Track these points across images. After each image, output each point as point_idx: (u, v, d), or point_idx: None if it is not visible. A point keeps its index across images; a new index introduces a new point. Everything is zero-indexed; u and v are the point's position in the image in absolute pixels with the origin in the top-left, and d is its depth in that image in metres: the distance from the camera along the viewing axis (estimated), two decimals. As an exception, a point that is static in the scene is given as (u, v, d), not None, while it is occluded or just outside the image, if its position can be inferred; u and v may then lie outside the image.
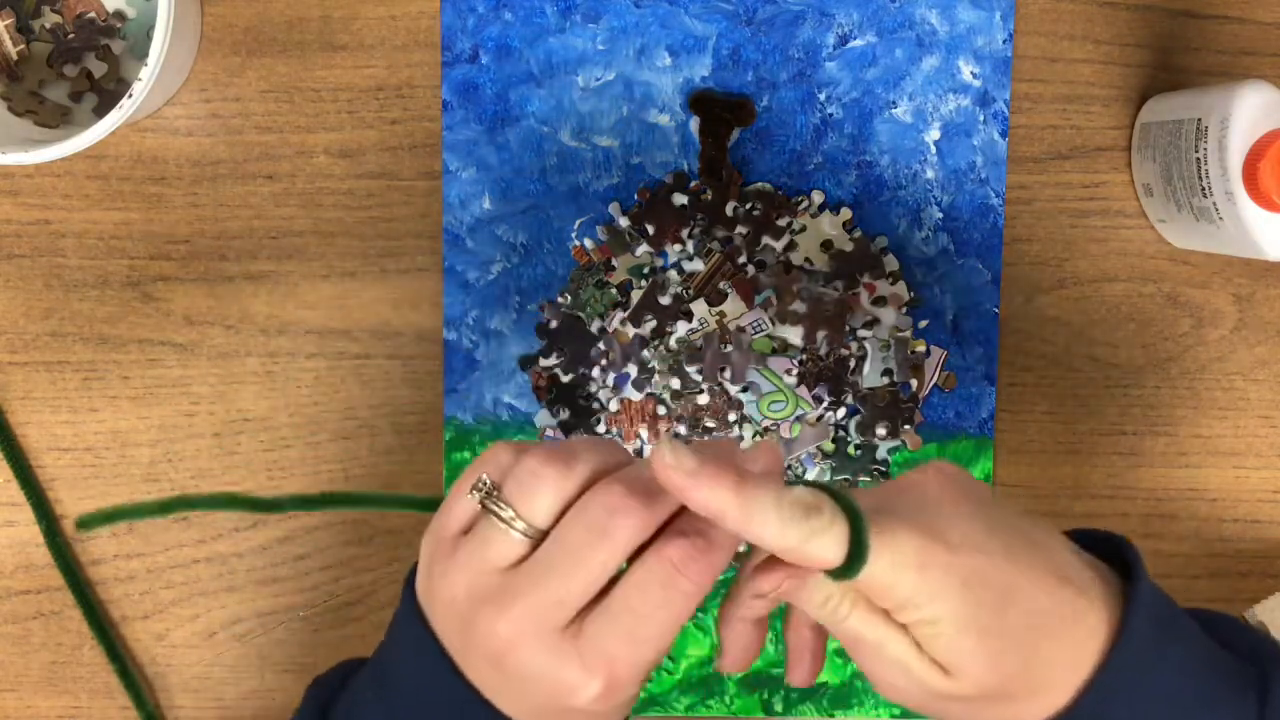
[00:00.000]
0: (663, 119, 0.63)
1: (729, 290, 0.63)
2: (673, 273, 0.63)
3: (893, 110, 0.62)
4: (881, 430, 0.63)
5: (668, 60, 0.62)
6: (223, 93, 0.62)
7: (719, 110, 0.62)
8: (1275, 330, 0.64)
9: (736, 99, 0.62)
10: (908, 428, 0.64)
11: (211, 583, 0.65)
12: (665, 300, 0.63)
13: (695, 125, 0.63)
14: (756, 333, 0.63)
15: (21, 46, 0.61)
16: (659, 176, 0.63)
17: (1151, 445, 0.65)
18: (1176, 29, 0.62)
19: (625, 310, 0.63)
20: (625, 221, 0.63)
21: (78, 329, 0.63)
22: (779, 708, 0.66)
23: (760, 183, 0.63)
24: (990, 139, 0.63)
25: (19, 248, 0.63)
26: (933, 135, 0.63)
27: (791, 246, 0.63)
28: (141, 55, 0.62)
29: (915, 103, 0.62)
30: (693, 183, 0.63)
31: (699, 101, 0.62)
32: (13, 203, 0.63)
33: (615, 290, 0.63)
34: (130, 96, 0.54)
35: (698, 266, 0.63)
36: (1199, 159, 0.56)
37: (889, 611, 0.41)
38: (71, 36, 0.61)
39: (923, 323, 0.64)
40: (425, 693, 0.43)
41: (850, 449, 0.64)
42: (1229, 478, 0.65)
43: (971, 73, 0.62)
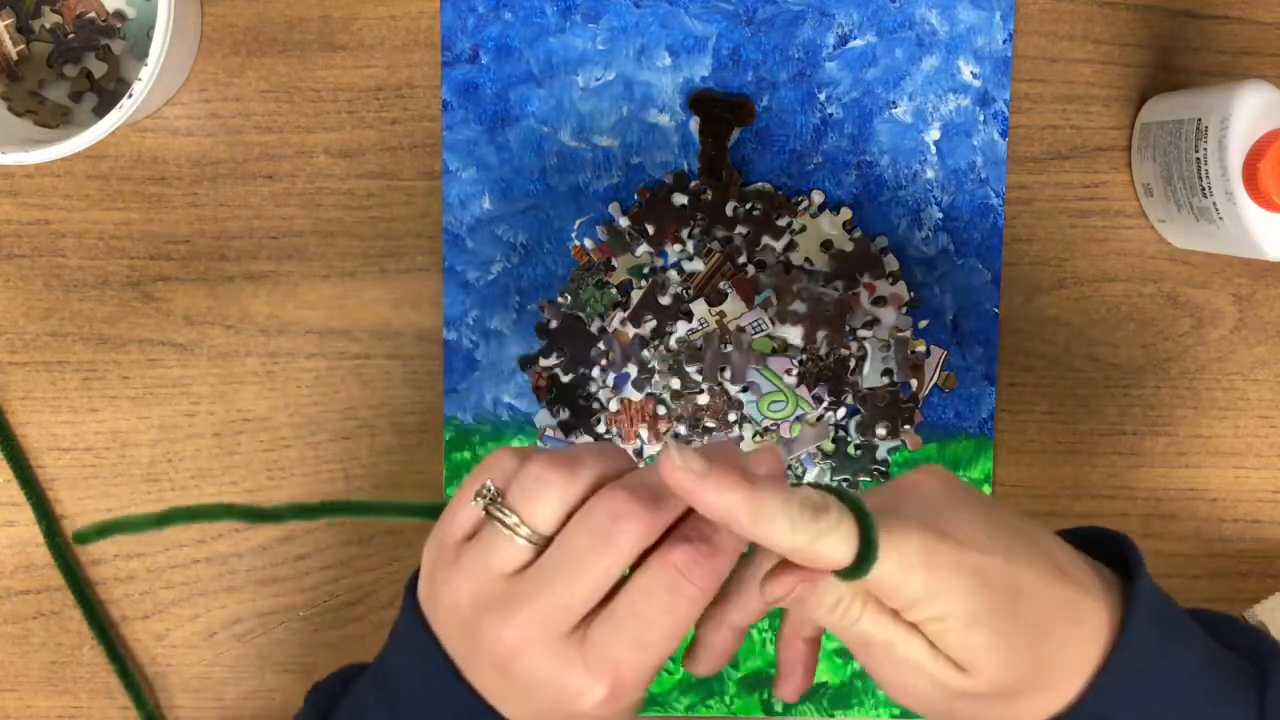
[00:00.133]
0: (663, 119, 0.63)
1: (729, 290, 0.63)
2: (673, 273, 0.63)
3: (893, 110, 0.62)
4: (881, 430, 0.63)
5: (668, 60, 0.62)
6: (223, 93, 0.62)
7: (719, 110, 0.62)
8: (1275, 330, 0.64)
9: (736, 99, 0.62)
10: (908, 428, 0.64)
11: (211, 583, 0.65)
12: (665, 300, 0.63)
13: (695, 125, 0.63)
14: (756, 333, 0.63)
15: (21, 46, 0.61)
16: (659, 176, 0.63)
17: (1151, 445, 0.65)
18: (1176, 29, 0.62)
19: (625, 310, 0.63)
20: (625, 221, 0.63)
21: (78, 329, 0.63)
22: (779, 708, 0.66)
23: (760, 183, 0.63)
24: (990, 139, 0.63)
25: (19, 248, 0.63)
26: (933, 135, 0.63)
27: (791, 246, 0.63)
28: (141, 55, 0.62)
29: (915, 103, 0.62)
30: (693, 183, 0.63)
31: (699, 101, 0.62)
32: (13, 203, 0.63)
33: (615, 290, 0.63)
34: (130, 96, 0.54)
35: (698, 266, 0.63)
36: (1199, 159, 0.56)
37: (899, 611, 0.41)
38: (71, 36, 0.61)
39: (923, 323, 0.64)
40: (428, 699, 0.43)
41: (850, 449, 0.64)
42: (1229, 478, 0.65)
43: (971, 73, 0.62)
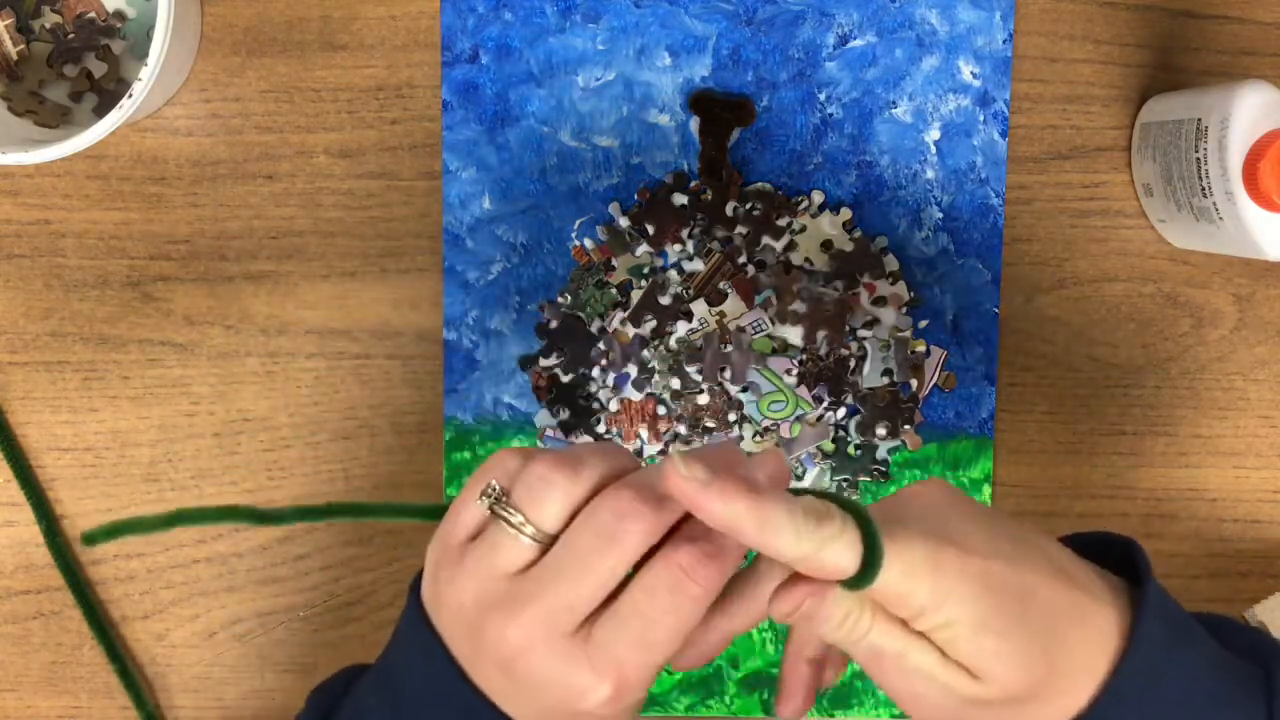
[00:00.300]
0: (663, 119, 0.63)
1: (729, 290, 0.63)
2: (673, 273, 0.63)
3: (893, 110, 0.62)
4: (881, 430, 0.63)
5: (668, 60, 0.62)
6: (223, 93, 0.62)
7: (719, 110, 0.62)
8: (1275, 330, 0.64)
9: (736, 99, 0.62)
10: (908, 428, 0.64)
11: (211, 583, 0.65)
12: (665, 300, 0.63)
13: (695, 125, 0.63)
14: (756, 333, 0.63)
15: (21, 46, 0.61)
16: (659, 176, 0.63)
17: (1151, 445, 0.65)
18: (1176, 29, 0.62)
19: (625, 310, 0.63)
20: (625, 221, 0.63)
21: (78, 329, 0.63)
22: (779, 708, 0.66)
23: (760, 183, 0.63)
24: (990, 139, 0.63)
25: (19, 248, 0.63)
26: (933, 135, 0.63)
27: (791, 246, 0.63)
28: (141, 55, 0.62)
29: (915, 103, 0.62)
30: (693, 183, 0.63)
31: (699, 101, 0.62)
32: (13, 203, 0.63)
33: (615, 290, 0.63)
34: (130, 96, 0.54)
35: (698, 266, 0.63)
36: (1199, 159, 0.56)
37: (907, 621, 0.41)
38: (71, 36, 0.61)
39: (923, 323, 0.64)
40: (432, 698, 0.43)
41: (850, 449, 0.64)
42: (1229, 478, 0.65)
43: (971, 73, 0.62)
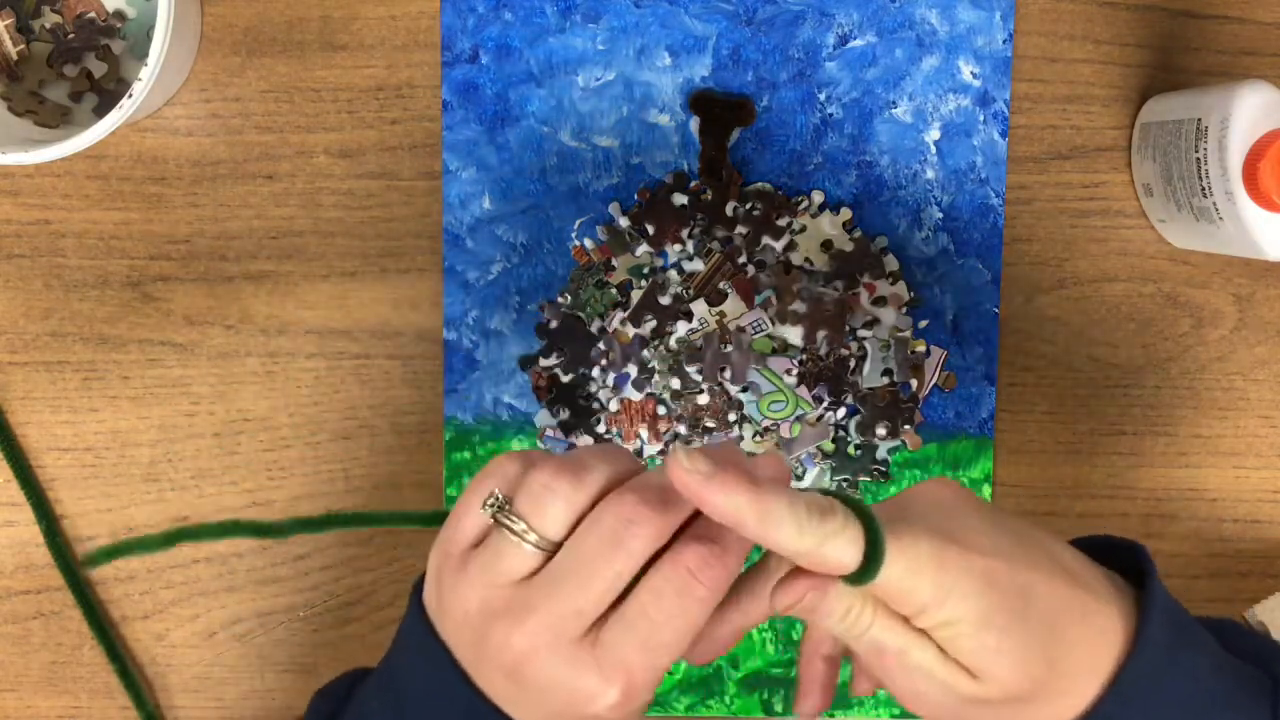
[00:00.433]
0: (663, 119, 0.63)
1: (729, 290, 0.63)
2: (673, 273, 0.63)
3: (893, 110, 0.62)
4: (881, 430, 0.63)
5: (668, 60, 0.62)
6: (223, 93, 0.62)
7: (719, 110, 0.62)
8: (1275, 330, 0.64)
9: (736, 99, 0.62)
10: (908, 428, 0.64)
11: (211, 583, 0.65)
12: (665, 300, 0.63)
13: (695, 125, 0.63)
14: (756, 333, 0.63)
15: (21, 46, 0.61)
16: (659, 176, 0.63)
17: (1151, 445, 0.65)
18: (1176, 29, 0.62)
19: (625, 310, 0.63)
20: (625, 221, 0.63)
21: (78, 329, 0.63)
22: (779, 708, 0.66)
23: (760, 183, 0.63)
24: (990, 139, 0.63)
25: (19, 248, 0.63)
26: (933, 135, 0.63)
27: (791, 246, 0.63)
28: (141, 55, 0.62)
29: (915, 103, 0.62)
30: (693, 183, 0.63)
31: (699, 101, 0.62)
32: (13, 203, 0.63)
33: (615, 290, 0.63)
34: (130, 96, 0.54)
35: (698, 266, 0.63)
36: (1199, 159, 0.56)
37: (909, 618, 0.41)
38: (71, 36, 0.61)
39: (923, 323, 0.64)
40: (436, 701, 0.43)
41: (850, 449, 0.64)
42: (1229, 478, 0.65)
43: (971, 73, 0.62)
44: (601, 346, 0.63)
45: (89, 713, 0.66)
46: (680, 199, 0.63)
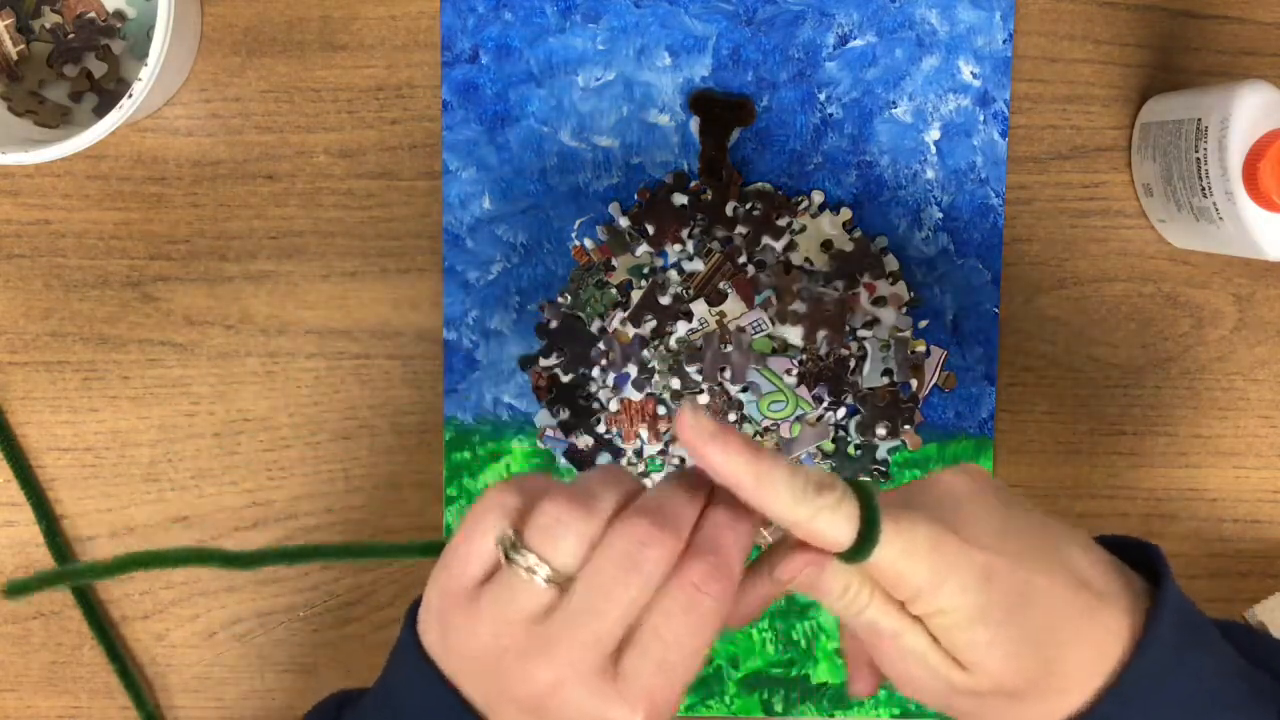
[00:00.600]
0: (663, 119, 0.63)
1: (729, 290, 0.63)
2: (673, 273, 0.63)
3: (893, 110, 0.62)
4: (881, 430, 0.63)
5: (668, 60, 0.62)
6: (223, 93, 0.62)
7: (719, 110, 0.62)
8: (1275, 330, 0.64)
9: (736, 99, 0.62)
10: (908, 428, 0.64)
11: (211, 583, 0.65)
12: (665, 300, 0.63)
13: (695, 125, 0.63)
14: (756, 333, 0.63)
15: (21, 46, 0.61)
16: (659, 176, 0.63)
17: (1151, 445, 0.65)
18: (1176, 29, 0.62)
19: (625, 310, 0.63)
20: (625, 221, 0.63)
21: (78, 329, 0.63)
22: (779, 708, 0.66)
23: (760, 183, 0.63)
24: (990, 139, 0.63)
25: (19, 248, 0.63)
26: (933, 135, 0.63)
27: (791, 246, 0.63)
28: (141, 55, 0.62)
29: (915, 103, 0.62)
30: (693, 183, 0.63)
31: (699, 101, 0.62)
32: (13, 203, 0.63)
33: (615, 290, 0.63)
34: (130, 96, 0.54)
35: (698, 266, 0.63)
36: (1199, 159, 0.56)
37: (905, 604, 0.42)
38: (71, 36, 0.61)
39: (923, 323, 0.64)
40: None
41: (850, 449, 0.64)
42: (1229, 478, 0.65)
43: (971, 73, 0.62)
44: (601, 346, 0.63)
45: (89, 713, 0.66)
46: (680, 199, 0.63)
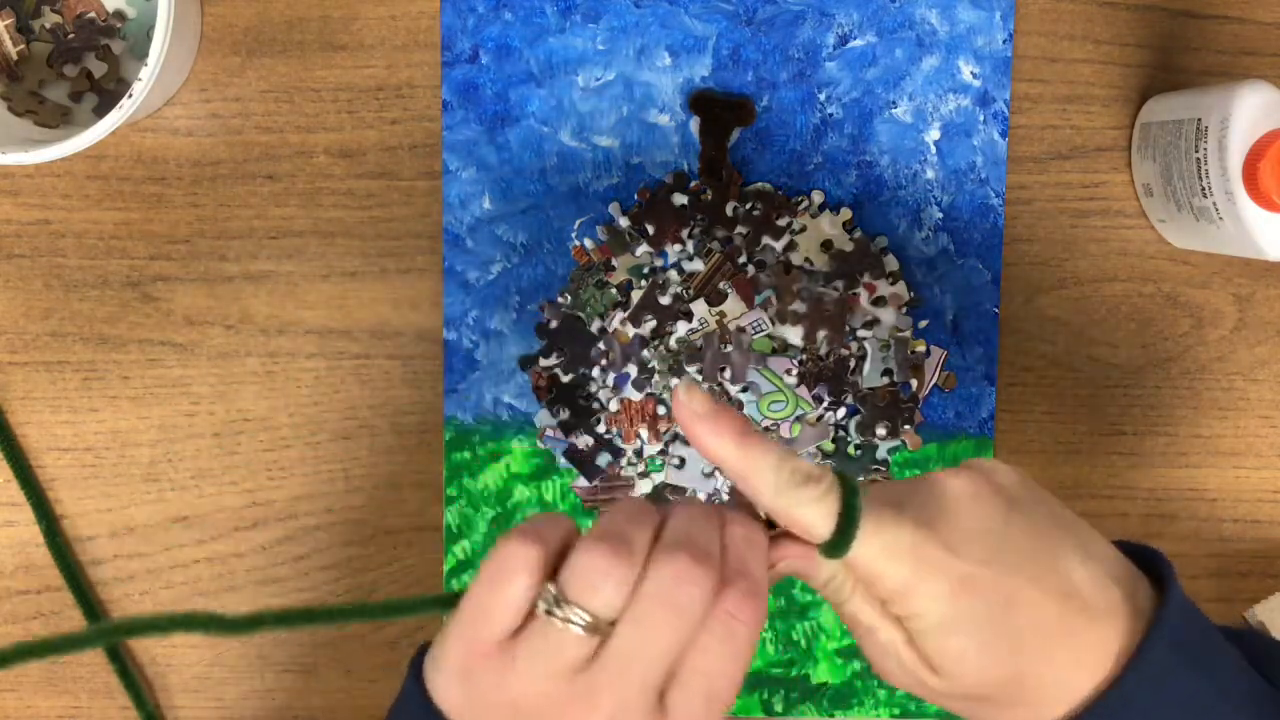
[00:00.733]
0: (663, 119, 0.63)
1: (729, 290, 0.63)
2: (673, 273, 0.63)
3: (893, 110, 0.62)
4: (881, 430, 0.63)
5: (668, 60, 0.62)
6: (223, 93, 0.62)
7: (719, 110, 0.62)
8: (1275, 330, 0.64)
9: (736, 99, 0.62)
10: (908, 428, 0.64)
11: (211, 583, 0.65)
12: (665, 300, 0.63)
13: (695, 125, 0.63)
14: (756, 333, 0.63)
15: (21, 46, 0.61)
16: (659, 176, 0.63)
17: (1151, 445, 0.65)
18: (1176, 29, 0.62)
19: (625, 310, 0.63)
20: (625, 221, 0.63)
21: (78, 329, 0.63)
22: (779, 708, 0.66)
23: (760, 183, 0.63)
24: (990, 139, 0.63)
25: (19, 248, 0.63)
26: (933, 135, 0.63)
27: (791, 246, 0.63)
28: (141, 55, 0.62)
29: (915, 103, 0.62)
30: (693, 183, 0.63)
31: (699, 101, 0.62)
32: (13, 203, 0.63)
33: (615, 290, 0.63)
34: (130, 96, 0.54)
35: (698, 266, 0.63)
36: (1199, 159, 0.56)
37: (883, 602, 0.42)
38: (71, 36, 0.61)
39: (923, 323, 0.64)
40: None
41: (850, 449, 0.64)
42: (1229, 478, 0.65)
43: (971, 73, 0.62)
44: (601, 346, 0.63)
45: (89, 713, 0.66)
46: (680, 199, 0.63)
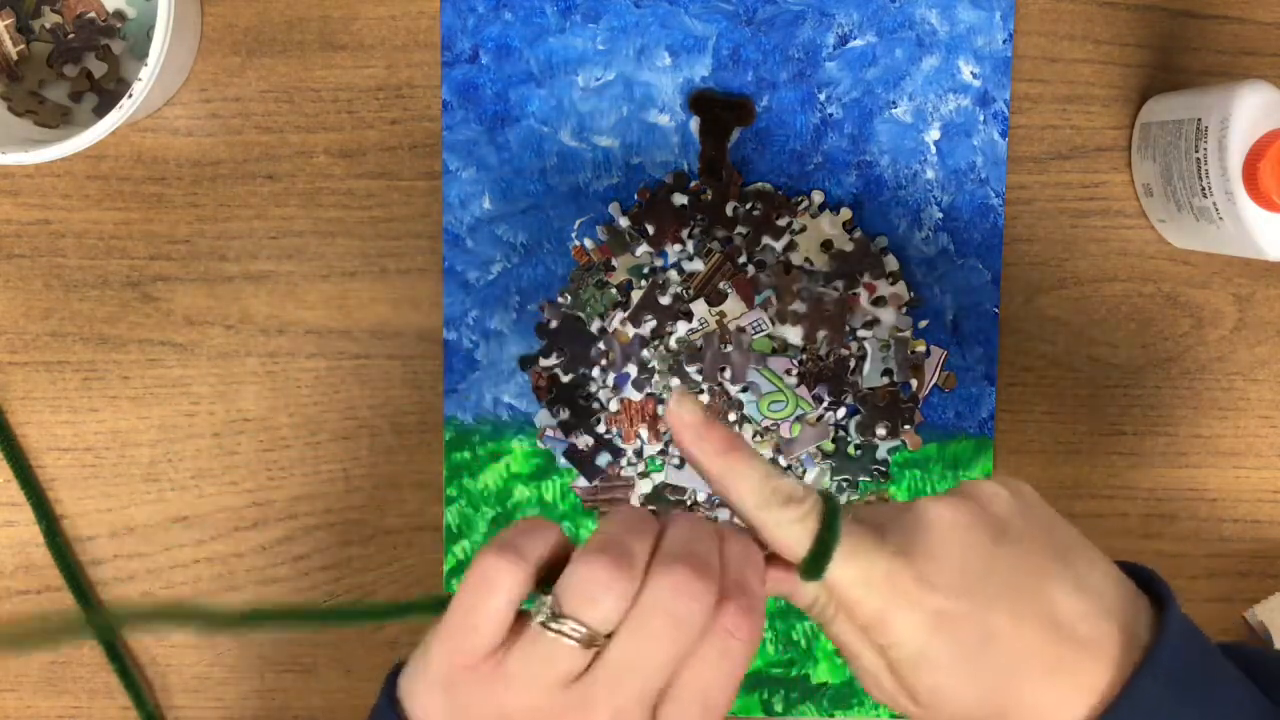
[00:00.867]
0: (663, 119, 0.63)
1: (729, 290, 0.63)
2: (673, 273, 0.63)
3: (893, 110, 0.62)
4: (881, 430, 0.63)
5: (668, 60, 0.62)
6: (223, 93, 0.62)
7: (719, 110, 0.62)
8: (1275, 330, 0.64)
9: (736, 99, 0.62)
10: (908, 428, 0.64)
11: (211, 583, 0.65)
12: (665, 300, 0.63)
13: (695, 125, 0.63)
14: (756, 333, 0.63)
15: (21, 46, 0.61)
16: (659, 176, 0.63)
17: (1151, 445, 0.65)
18: (1176, 29, 0.62)
19: (625, 310, 0.63)
20: (625, 221, 0.63)
21: (78, 329, 0.63)
22: (779, 708, 0.66)
23: (760, 183, 0.63)
24: (990, 139, 0.63)
25: (19, 248, 0.63)
26: (933, 135, 0.63)
27: (791, 246, 0.63)
28: (141, 55, 0.62)
29: (915, 103, 0.62)
30: (693, 183, 0.63)
31: (699, 101, 0.62)
32: (13, 203, 0.63)
33: (615, 290, 0.63)
34: (130, 96, 0.54)
35: (698, 266, 0.63)
36: (1199, 159, 0.56)
37: (864, 630, 0.41)
38: (71, 36, 0.61)
39: (923, 323, 0.64)
40: None
41: (850, 449, 0.64)
42: (1229, 478, 0.65)
43: (971, 73, 0.62)
44: (601, 346, 0.63)
45: (89, 713, 0.66)
46: (680, 199, 0.63)
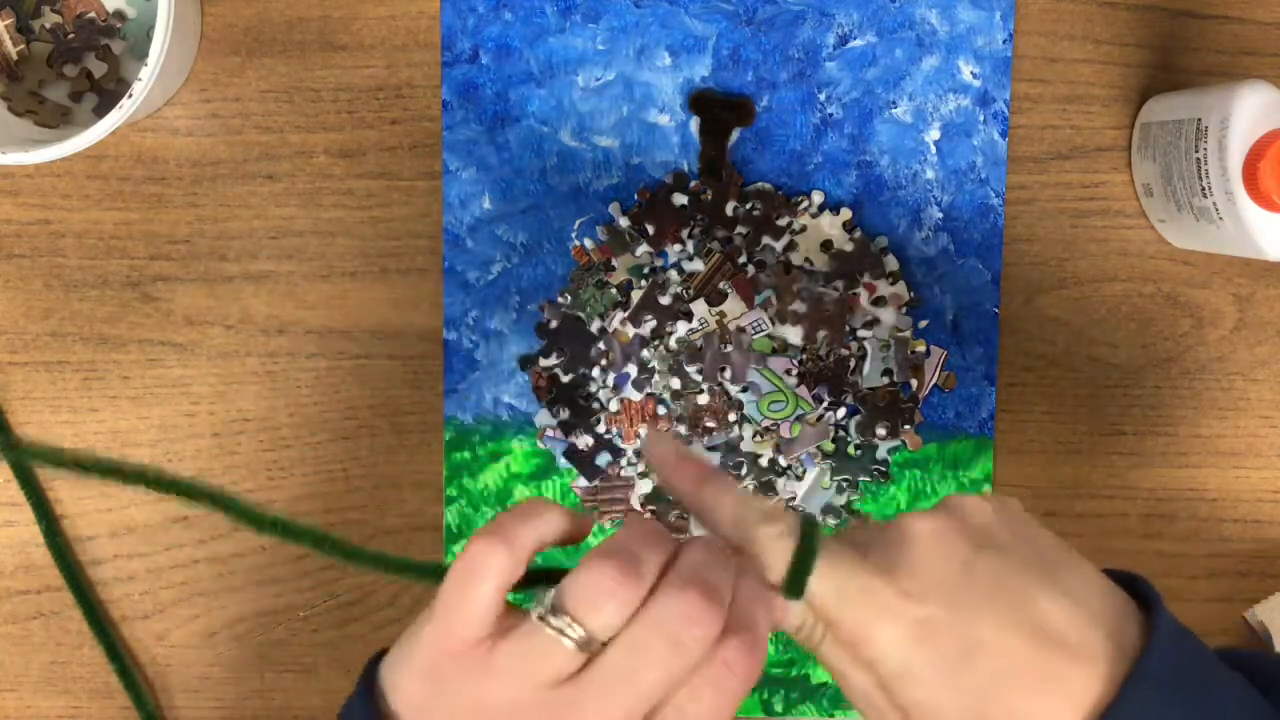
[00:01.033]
0: (663, 119, 0.63)
1: (729, 290, 0.63)
2: (673, 273, 0.63)
3: (893, 110, 0.62)
4: (881, 430, 0.63)
5: (668, 60, 0.62)
6: (223, 93, 0.62)
7: (719, 110, 0.62)
8: (1275, 330, 0.64)
9: (736, 99, 0.62)
10: (908, 428, 0.64)
11: (211, 583, 0.65)
12: (665, 300, 0.63)
13: (695, 125, 0.63)
14: (756, 333, 0.63)
15: (21, 46, 0.61)
16: (659, 176, 0.63)
17: (1151, 445, 0.65)
18: (1176, 29, 0.62)
19: (625, 310, 0.63)
20: (625, 221, 0.63)
21: (78, 329, 0.63)
22: (779, 708, 0.66)
23: (760, 183, 0.63)
24: (990, 139, 0.63)
25: (19, 248, 0.63)
26: (933, 135, 0.63)
27: (791, 246, 0.63)
28: (141, 55, 0.62)
29: (915, 103, 0.62)
30: (693, 183, 0.63)
31: (699, 101, 0.62)
32: (13, 203, 0.63)
33: (615, 290, 0.63)
34: (130, 96, 0.54)
35: (698, 266, 0.63)
36: (1199, 159, 0.56)
37: (851, 648, 0.41)
38: (71, 36, 0.61)
39: (923, 323, 0.64)
40: None
41: (850, 449, 0.64)
42: (1229, 478, 0.65)
43: (971, 73, 0.62)
44: (601, 346, 0.63)
45: (89, 713, 0.66)
46: (680, 199, 0.63)
